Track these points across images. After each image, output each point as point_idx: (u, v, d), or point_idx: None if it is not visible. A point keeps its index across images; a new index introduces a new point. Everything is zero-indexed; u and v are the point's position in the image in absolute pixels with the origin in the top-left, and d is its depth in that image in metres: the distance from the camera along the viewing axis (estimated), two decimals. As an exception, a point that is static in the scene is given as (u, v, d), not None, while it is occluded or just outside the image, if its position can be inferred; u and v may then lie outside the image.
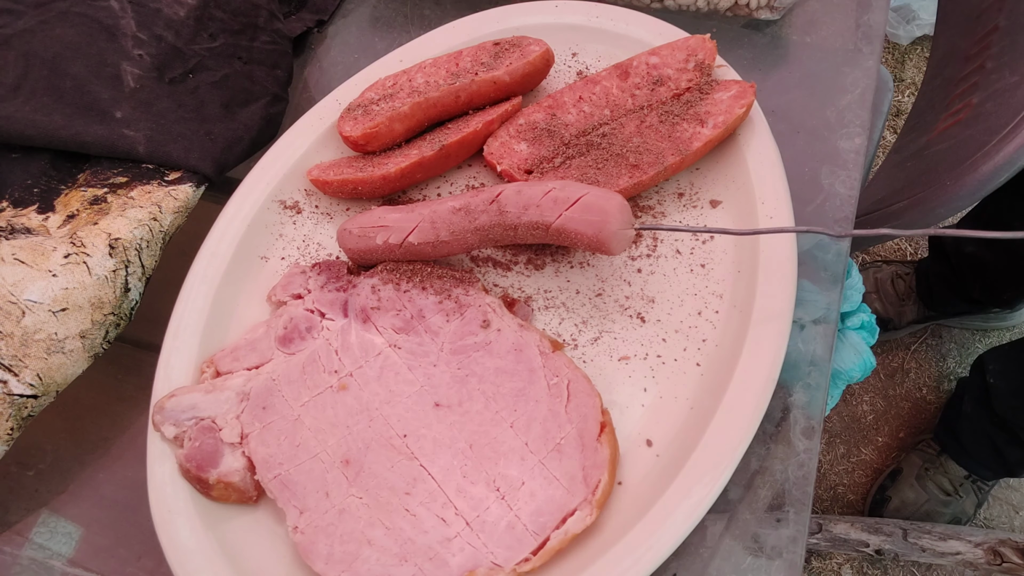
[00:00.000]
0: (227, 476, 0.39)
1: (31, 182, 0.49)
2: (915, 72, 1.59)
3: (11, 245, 0.43)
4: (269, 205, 0.50)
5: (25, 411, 0.41)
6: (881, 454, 1.26)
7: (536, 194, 0.42)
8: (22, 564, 0.43)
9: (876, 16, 0.57)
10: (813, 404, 0.43)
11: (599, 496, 0.37)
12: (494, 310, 0.43)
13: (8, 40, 0.50)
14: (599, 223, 0.40)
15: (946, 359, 1.32)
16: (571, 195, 0.41)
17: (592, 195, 0.41)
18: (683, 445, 0.39)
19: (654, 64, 0.51)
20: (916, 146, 0.65)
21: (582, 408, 0.39)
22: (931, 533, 1.05)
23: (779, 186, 0.45)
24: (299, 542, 0.38)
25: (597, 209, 0.40)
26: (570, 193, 0.41)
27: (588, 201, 0.40)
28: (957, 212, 0.63)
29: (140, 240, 0.45)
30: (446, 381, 0.41)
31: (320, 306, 0.45)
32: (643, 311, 0.45)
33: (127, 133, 0.49)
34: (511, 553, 0.36)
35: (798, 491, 0.41)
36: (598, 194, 0.41)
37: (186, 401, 0.41)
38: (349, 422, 0.41)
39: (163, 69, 0.51)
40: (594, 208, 0.40)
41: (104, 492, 0.45)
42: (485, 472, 0.38)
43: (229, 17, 0.55)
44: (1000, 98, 0.54)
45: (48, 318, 0.41)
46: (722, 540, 0.40)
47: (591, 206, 0.40)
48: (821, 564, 1.17)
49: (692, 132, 0.48)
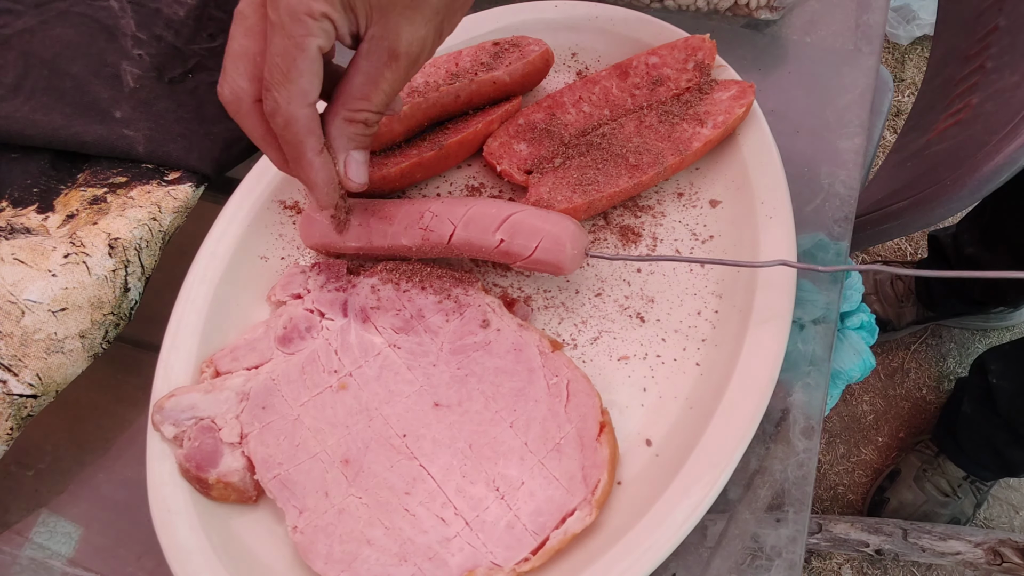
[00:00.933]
0: (226, 476, 0.39)
1: (31, 182, 0.49)
2: (915, 72, 1.59)
3: (11, 245, 0.43)
4: (269, 205, 0.50)
5: (25, 411, 0.41)
6: (881, 454, 1.26)
7: (488, 243, 0.43)
8: (22, 564, 0.43)
9: (876, 16, 0.57)
10: (813, 404, 0.43)
11: (599, 496, 0.37)
12: (493, 310, 0.43)
13: (8, 40, 0.50)
14: (554, 266, 0.42)
15: (946, 359, 1.32)
16: (522, 249, 0.42)
17: (541, 249, 0.42)
18: (682, 445, 0.39)
19: (654, 64, 0.51)
20: (916, 146, 0.65)
21: (581, 408, 0.39)
22: (931, 533, 1.05)
23: (779, 186, 0.45)
24: (298, 542, 0.38)
25: (550, 261, 0.42)
26: (520, 246, 0.42)
27: (539, 257, 0.42)
28: (957, 212, 0.63)
29: (140, 240, 0.45)
30: (445, 381, 0.41)
31: (320, 306, 0.45)
32: (643, 311, 0.45)
33: (127, 133, 0.49)
34: (511, 553, 0.36)
35: (798, 491, 0.41)
36: (548, 244, 0.42)
37: (185, 401, 0.41)
38: (348, 422, 0.41)
39: (163, 69, 0.51)
40: (547, 258, 0.42)
41: (104, 492, 0.45)
42: (484, 472, 0.38)
43: (228, 17, 0.55)
44: (1000, 98, 0.54)
45: (48, 318, 0.41)
46: (722, 540, 0.40)
47: (541, 261, 0.42)
48: (821, 564, 1.17)
49: (692, 132, 0.48)
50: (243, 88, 0.36)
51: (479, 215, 0.43)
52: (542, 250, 0.42)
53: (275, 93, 0.34)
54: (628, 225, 0.48)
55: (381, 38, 0.34)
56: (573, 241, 0.41)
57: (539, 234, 0.42)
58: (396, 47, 0.35)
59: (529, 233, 0.42)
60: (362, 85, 0.36)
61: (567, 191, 0.46)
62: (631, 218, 0.48)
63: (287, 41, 0.32)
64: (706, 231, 0.47)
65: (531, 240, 0.42)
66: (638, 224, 0.48)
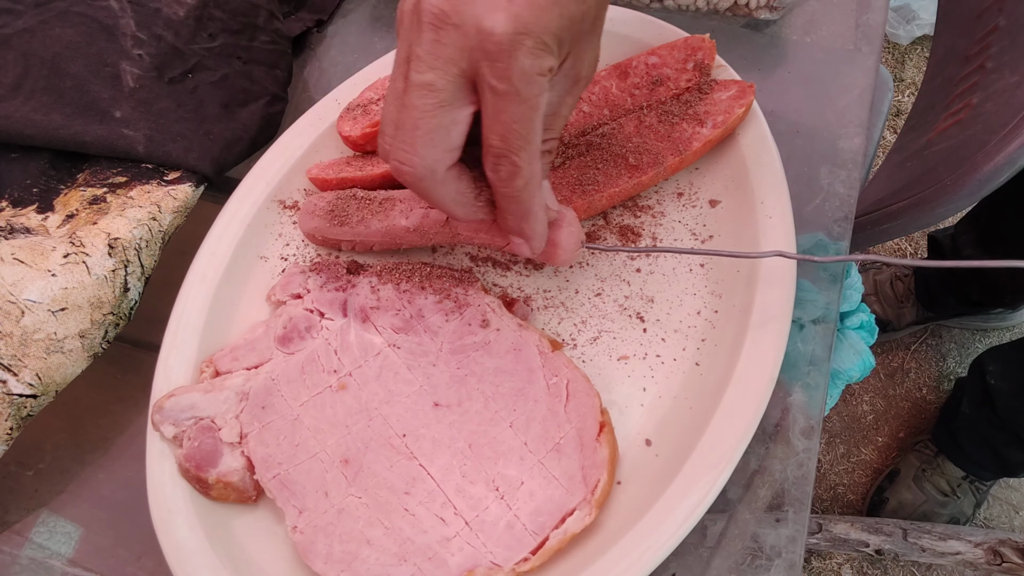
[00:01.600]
0: (226, 476, 0.39)
1: (30, 182, 0.49)
2: (915, 72, 1.59)
3: (10, 245, 0.43)
4: (269, 205, 0.50)
5: (24, 411, 0.41)
6: (881, 454, 1.26)
7: (484, 222, 0.43)
8: (22, 564, 0.43)
9: (876, 16, 0.57)
10: (812, 404, 0.43)
11: (598, 496, 0.37)
12: (493, 310, 0.43)
13: (8, 40, 0.50)
14: (546, 254, 0.42)
15: (946, 359, 1.32)
16: None
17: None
18: (682, 445, 0.39)
19: (653, 64, 0.51)
20: (916, 146, 0.65)
21: (581, 408, 0.39)
22: (931, 533, 1.05)
23: (779, 186, 0.45)
24: (298, 542, 0.38)
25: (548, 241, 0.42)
26: None
27: None
28: (957, 212, 0.63)
29: (139, 240, 0.45)
30: (445, 381, 0.41)
31: (319, 306, 0.45)
32: (642, 311, 0.45)
33: (126, 133, 0.49)
34: (510, 553, 0.36)
35: (797, 491, 0.41)
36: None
37: (185, 401, 0.41)
38: (348, 422, 0.41)
39: (162, 69, 0.51)
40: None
41: (104, 492, 0.45)
42: (484, 472, 0.38)
43: (228, 17, 0.55)
44: (1000, 98, 0.54)
45: (47, 318, 0.41)
46: (721, 540, 0.40)
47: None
48: (821, 564, 1.17)
49: (691, 132, 0.48)
50: (438, 159, 0.33)
51: None
52: None
53: (514, 158, 0.33)
54: (628, 225, 0.48)
55: (571, 68, 0.34)
56: (570, 225, 0.41)
57: None
58: (580, 72, 0.34)
59: None
60: (548, 117, 0.34)
61: (566, 191, 0.46)
62: (631, 218, 0.49)
63: (523, 106, 0.31)
64: (706, 231, 0.47)
65: None
66: (638, 224, 0.48)
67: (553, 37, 0.30)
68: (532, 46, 0.30)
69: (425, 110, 0.32)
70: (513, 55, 0.30)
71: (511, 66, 0.30)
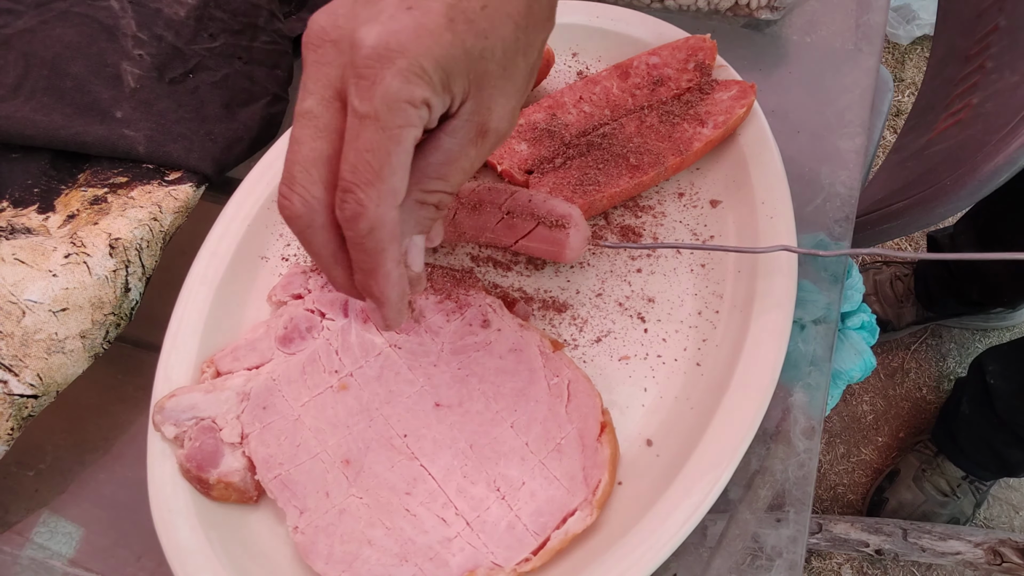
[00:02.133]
0: (227, 476, 0.39)
1: (31, 182, 0.49)
2: (915, 72, 1.59)
3: (11, 245, 0.43)
4: (269, 205, 0.50)
5: (25, 411, 0.41)
6: (881, 454, 1.26)
7: (489, 220, 0.44)
8: (22, 564, 0.43)
9: (876, 16, 0.57)
10: (813, 404, 0.43)
11: (599, 496, 0.37)
12: (494, 310, 0.43)
13: (8, 40, 0.50)
14: (554, 252, 0.43)
15: (946, 359, 1.32)
16: (524, 226, 0.43)
17: (543, 226, 0.43)
18: (683, 445, 0.39)
19: (654, 64, 0.51)
20: (916, 146, 0.65)
21: (582, 408, 0.39)
22: (931, 533, 1.05)
23: (779, 186, 0.45)
24: (299, 542, 0.38)
25: (551, 239, 0.43)
26: (523, 225, 0.43)
27: (540, 232, 0.43)
28: (957, 212, 0.63)
29: (140, 240, 0.45)
30: (446, 381, 0.41)
31: (320, 306, 0.45)
32: (643, 311, 0.45)
33: (127, 133, 0.49)
34: (511, 553, 0.36)
35: (798, 491, 0.41)
36: (548, 226, 0.43)
37: (186, 401, 0.41)
38: (349, 422, 0.41)
39: (163, 69, 0.51)
40: (547, 238, 0.43)
41: (104, 492, 0.45)
42: (485, 472, 0.38)
43: (229, 17, 0.55)
44: (1000, 98, 0.54)
45: (48, 318, 0.41)
46: (722, 540, 0.40)
47: (544, 236, 0.43)
48: (821, 564, 1.17)
49: (692, 132, 0.48)
50: (318, 198, 0.29)
51: (483, 189, 0.44)
52: (543, 228, 0.42)
53: (360, 194, 0.28)
54: (629, 225, 0.48)
55: (473, 114, 0.30)
56: (577, 225, 0.42)
57: (543, 209, 0.42)
58: (487, 123, 0.30)
59: (532, 210, 0.43)
60: (440, 164, 0.30)
61: (568, 191, 0.46)
62: (632, 218, 0.49)
63: (381, 135, 0.27)
64: (707, 231, 0.47)
65: (532, 220, 0.43)
66: (639, 224, 0.48)
67: (435, 66, 0.27)
68: (404, 68, 0.26)
69: (303, 141, 0.29)
70: (380, 73, 0.26)
71: (375, 85, 0.26)
